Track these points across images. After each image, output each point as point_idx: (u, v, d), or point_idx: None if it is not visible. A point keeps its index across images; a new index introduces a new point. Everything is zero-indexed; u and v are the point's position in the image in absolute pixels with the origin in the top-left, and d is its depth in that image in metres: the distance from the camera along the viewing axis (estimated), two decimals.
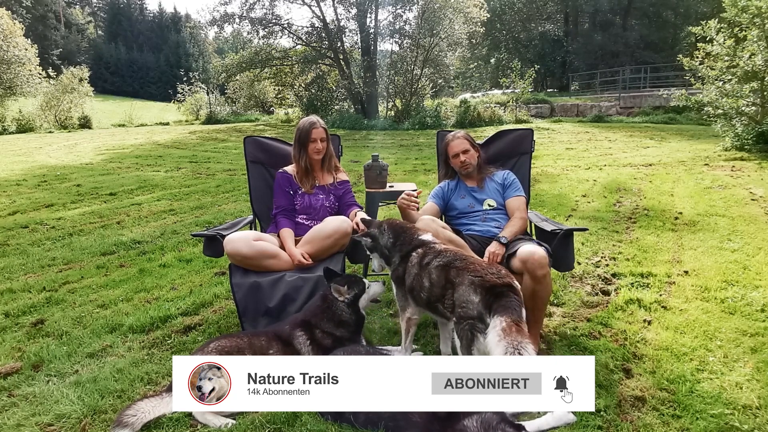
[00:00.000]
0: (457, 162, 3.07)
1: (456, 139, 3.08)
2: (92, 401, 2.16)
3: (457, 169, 3.12)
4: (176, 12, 59.74)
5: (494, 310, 1.92)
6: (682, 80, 17.33)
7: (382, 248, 2.54)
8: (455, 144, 3.07)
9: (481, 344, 1.92)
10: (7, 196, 7.24)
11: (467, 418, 1.68)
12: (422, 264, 2.30)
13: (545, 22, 35.70)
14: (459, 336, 2.02)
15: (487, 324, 1.92)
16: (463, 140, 3.07)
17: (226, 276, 3.60)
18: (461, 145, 3.05)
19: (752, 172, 7.50)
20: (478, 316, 1.95)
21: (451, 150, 3.08)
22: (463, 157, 3.03)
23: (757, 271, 3.56)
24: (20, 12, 38.55)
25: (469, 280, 2.04)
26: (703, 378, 2.27)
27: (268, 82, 24.00)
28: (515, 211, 2.92)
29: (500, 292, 1.97)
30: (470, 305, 1.98)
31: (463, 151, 3.04)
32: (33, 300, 3.43)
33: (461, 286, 2.06)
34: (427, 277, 2.24)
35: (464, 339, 1.98)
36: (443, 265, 2.20)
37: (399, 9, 19.90)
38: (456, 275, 2.11)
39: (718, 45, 9.15)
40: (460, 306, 2.02)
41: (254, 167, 3.39)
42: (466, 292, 2.02)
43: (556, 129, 15.55)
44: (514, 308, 1.91)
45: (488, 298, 1.96)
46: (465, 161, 3.04)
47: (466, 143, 3.07)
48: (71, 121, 20.80)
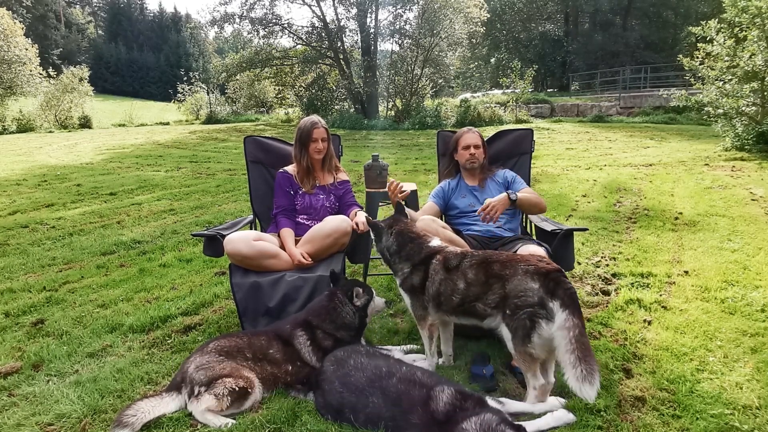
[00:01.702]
0: (466, 154, 3.09)
1: (471, 132, 3.14)
2: (92, 401, 2.16)
3: (462, 162, 3.13)
4: (176, 12, 59.93)
5: (559, 297, 1.90)
6: (683, 80, 17.32)
7: (383, 249, 2.53)
8: (469, 136, 3.11)
9: (545, 330, 1.90)
10: (7, 195, 7.24)
11: (466, 421, 1.67)
12: (449, 268, 2.26)
13: (545, 22, 35.69)
14: (512, 328, 1.99)
15: (550, 309, 1.90)
16: (477, 136, 3.13)
17: (226, 276, 3.60)
18: (474, 139, 3.10)
19: (752, 172, 7.50)
20: (539, 302, 1.93)
21: (464, 141, 3.10)
22: (473, 150, 3.07)
23: (757, 271, 3.56)
24: (20, 12, 38.52)
25: (523, 269, 2.02)
26: (703, 378, 2.27)
27: (268, 82, 24.01)
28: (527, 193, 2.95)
29: (557, 278, 1.96)
30: (530, 292, 1.96)
31: (474, 145, 3.08)
32: (33, 300, 3.43)
33: (514, 276, 2.03)
34: (462, 278, 2.20)
35: (520, 329, 1.96)
36: (480, 263, 2.18)
37: (399, 9, 19.91)
38: (503, 268, 2.09)
39: (718, 45, 9.15)
40: (516, 296, 1.99)
41: (254, 167, 3.39)
42: (523, 280, 2.00)
43: (556, 129, 15.55)
44: (577, 302, 1.91)
45: (548, 284, 1.95)
46: (474, 155, 3.07)
47: (479, 139, 3.12)
48: (71, 121, 20.81)
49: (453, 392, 1.80)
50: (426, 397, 1.80)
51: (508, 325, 2.02)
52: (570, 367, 1.80)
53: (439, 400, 1.78)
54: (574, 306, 1.89)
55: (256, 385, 2.11)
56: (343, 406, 1.95)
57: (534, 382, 2.01)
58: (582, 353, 1.80)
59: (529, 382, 2.03)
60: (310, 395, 2.16)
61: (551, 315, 1.90)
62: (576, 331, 1.83)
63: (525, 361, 2.00)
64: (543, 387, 2.02)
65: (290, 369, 2.24)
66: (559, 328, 1.86)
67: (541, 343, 1.93)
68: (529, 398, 2.03)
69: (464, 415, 1.70)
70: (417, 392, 1.84)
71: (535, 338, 1.93)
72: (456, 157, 3.17)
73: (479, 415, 1.67)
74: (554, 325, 1.88)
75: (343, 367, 2.07)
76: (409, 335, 2.82)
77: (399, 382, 1.90)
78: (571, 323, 1.85)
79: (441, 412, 1.75)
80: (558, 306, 1.89)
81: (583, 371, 1.78)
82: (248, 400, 2.07)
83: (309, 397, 2.16)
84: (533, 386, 2.02)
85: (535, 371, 2.00)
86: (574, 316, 1.86)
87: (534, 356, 1.97)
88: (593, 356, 1.84)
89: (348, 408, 1.93)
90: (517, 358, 2.04)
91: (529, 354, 1.97)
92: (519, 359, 2.03)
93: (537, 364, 2.00)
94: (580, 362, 1.79)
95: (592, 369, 1.79)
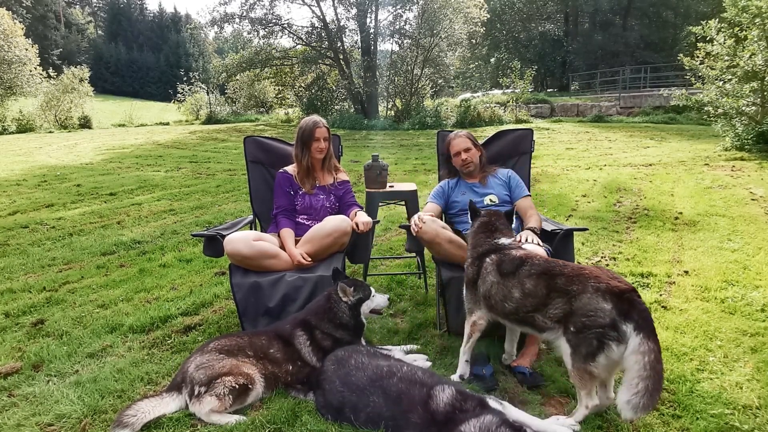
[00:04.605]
0: (459, 160, 3.07)
1: (457, 138, 3.10)
2: (92, 401, 2.16)
3: (458, 167, 3.12)
4: (176, 12, 59.91)
5: (633, 319, 1.80)
6: (683, 80, 17.31)
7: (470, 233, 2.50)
8: (457, 142, 3.08)
9: (614, 353, 1.82)
10: (7, 196, 7.24)
11: (465, 423, 1.66)
12: (503, 272, 2.18)
13: (545, 22, 35.67)
14: (574, 344, 1.91)
15: (623, 332, 1.81)
16: (465, 139, 3.08)
17: (226, 276, 3.60)
18: (462, 144, 3.06)
19: (752, 172, 7.50)
20: (611, 323, 1.83)
21: (453, 148, 3.08)
22: (464, 155, 3.04)
23: (757, 271, 3.56)
24: (20, 12, 38.54)
25: (593, 287, 1.90)
26: (703, 378, 2.28)
27: (268, 82, 24.01)
28: (528, 209, 2.92)
29: (631, 298, 1.85)
30: (601, 313, 1.85)
31: (464, 149, 3.05)
32: (33, 300, 3.43)
33: (583, 294, 1.91)
34: (518, 287, 2.11)
35: (584, 347, 1.87)
36: (541, 273, 2.07)
37: (399, 9, 19.91)
38: (569, 283, 1.97)
39: (718, 45, 9.15)
40: (585, 315, 1.88)
41: (254, 167, 3.39)
42: (593, 300, 1.88)
43: (556, 129, 15.55)
44: (652, 325, 1.81)
45: (621, 305, 1.84)
46: (466, 159, 3.04)
47: (467, 142, 3.07)
48: (71, 121, 20.81)
49: (453, 392, 1.80)
50: (426, 397, 1.80)
51: (570, 341, 1.93)
52: (632, 392, 1.73)
53: (439, 400, 1.78)
54: (649, 329, 1.79)
55: (256, 381, 2.11)
56: (344, 406, 1.95)
57: (587, 401, 1.93)
58: (653, 384, 1.72)
59: (581, 399, 1.94)
60: (310, 395, 2.16)
61: (623, 338, 1.81)
62: (651, 356, 1.74)
63: (582, 379, 1.91)
64: (597, 408, 1.95)
65: (291, 368, 2.24)
66: (633, 352, 1.77)
67: (607, 364, 1.86)
68: (577, 415, 1.94)
69: (464, 417, 1.69)
70: (417, 392, 1.84)
71: (602, 359, 1.85)
72: (452, 162, 3.16)
73: (479, 417, 1.67)
74: (627, 348, 1.80)
75: (344, 367, 2.07)
76: (409, 335, 2.82)
77: (400, 382, 1.90)
78: (646, 348, 1.75)
79: (441, 412, 1.75)
80: (632, 329, 1.80)
81: (642, 401, 1.70)
82: (250, 396, 2.08)
83: (309, 397, 2.16)
84: (585, 405, 1.93)
85: (590, 390, 1.92)
86: (650, 340, 1.77)
87: (594, 375, 1.89)
88: (660, 389, 1.75)
89: (349, 407, 1.93)
90: (574, 375, 1.94)
91: (589, 372, 1.89)
92: (575, 375, 1.93)
93: (594, 383, 1.92)
94: (647, 392, 1.71)
95: (652, 401, 1.71)
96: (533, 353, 2.47)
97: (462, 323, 2.70)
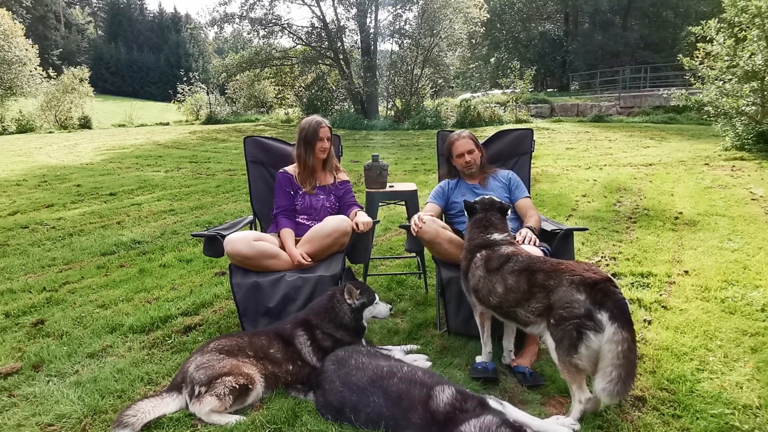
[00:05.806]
0: (461, 162, 3.06)
1: (461, 139, 3.07)
2: (92, 401, 2.16)
3: (460, 168, 3.11)
4: (176, 12, 59.88)
5: (608, 308, 1.84)
6: (682, 80, 17.33)
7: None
8: (460, 144, 3.05)
9: (593, 342, 1.85)
10: (7, 196, 7.24)
11: (465, 423, 1.66)
12: (489, 268, 2.24)
13: (545, 22, 35.69)
14: (557, 338, 1.95)
15: (598, 320, 1.85)
16: (468, 140, 3.06)
17: (226, 276, 3.60)
18: (466, 145, 3.04)
19: (752, 171, 7.50)
20: (586, 313, 1.88)
21: (456, 150, 3.06)
22: (468, 157, 3.02)
23: (757, 271, 3.56)
24: (20, 12, 38.54)
25: (568, 280, 1.96)
26: (703, 378, 2.27)
27: (267, 82, 24.02)
28: (528, 209, 2.93)
29: (606, 288, 1.89)
30: (576, 303, 1.91)
31: (468, 151, 3.03)
32: (33, 300, 3.43)
33: (560, 287, 1.97)
34: (501, 282, 2.17)
35: (566, 340, 1.91)
36: (522, 270, 2.12)
37: (399, 9, 19.91)
38: (547, 278, 2.03)
39: (718, 45, 9.15)
40: (561, 307, 1.94)
41: (254, 167, 3.39)
42: (568, 292, 1.94)
43: (556, 129, 15.54)
44: (628, 314, 1.86)
45: (595, 295, 1.89)
46: (469, 161, 3.03)
47: (470, 143, 3.05)
48: (71, 122, 20.83)
49: (453, 392, 1.80)
50: (426, 397, 1.80)
51: (553, 335, 1.97)
52: (606, 380, 1.79)
53: (440, 400, 1.77)
54: (624, 318, 1.83)
55: (257, 381, 2.11)
56: (344, 406, 1.95)
57: (579, 395, 1.94)
58: (626, 372, 1.77)
59: (574, 394, 1.96)
60: (310, 395, 2.16)
61: (600, 326, 1.85)
62: (625, 345, 1.78)
63: (570, 373, 1.93)
64: (591, 404, 1.96)
65: (291, 368, 2.24)
66: (607, 341, 1.81)
67: (589, 354, 1.88)
68: (574, 412, 1.95)
69: (464, 417, 1.69)
70: (417, 392, 1.84)
71: (583, 349, 1.88)
72: (453, 162, 3.15)
73: (479, 417, 1.66)
74: (603, 337, 1.83)
75: (344, 367, 2.07)
76: (409, 335, 2.82)
77: (400, 382, 1.90)
78: (620, 337, 1.79)
79: (441, 412, 1.75)
80: (607, 318, 1.83)
81: (616, 388, 1.77)
82: (250, 396, 2.08)
83: (309, 397, 2.17)
84: (578, 399, 1.94)
85: (580, 383, 1.93)
86: (624, 330, 1.80)
87: (580, 368, 1.91)
88: (634, 377, 1.81)
89: (349, 407, 1.93)
90: (562, 369, 1.98)
91: (574, 365, 1.91)
92: (563, 370, 1.96)
93: (583, 376, 1.93)
94: (620, 380, 1.77)
95: (626, 388, 1.77)
96: (533, 353, 2.47)
97: (462, 323, 2.70)
